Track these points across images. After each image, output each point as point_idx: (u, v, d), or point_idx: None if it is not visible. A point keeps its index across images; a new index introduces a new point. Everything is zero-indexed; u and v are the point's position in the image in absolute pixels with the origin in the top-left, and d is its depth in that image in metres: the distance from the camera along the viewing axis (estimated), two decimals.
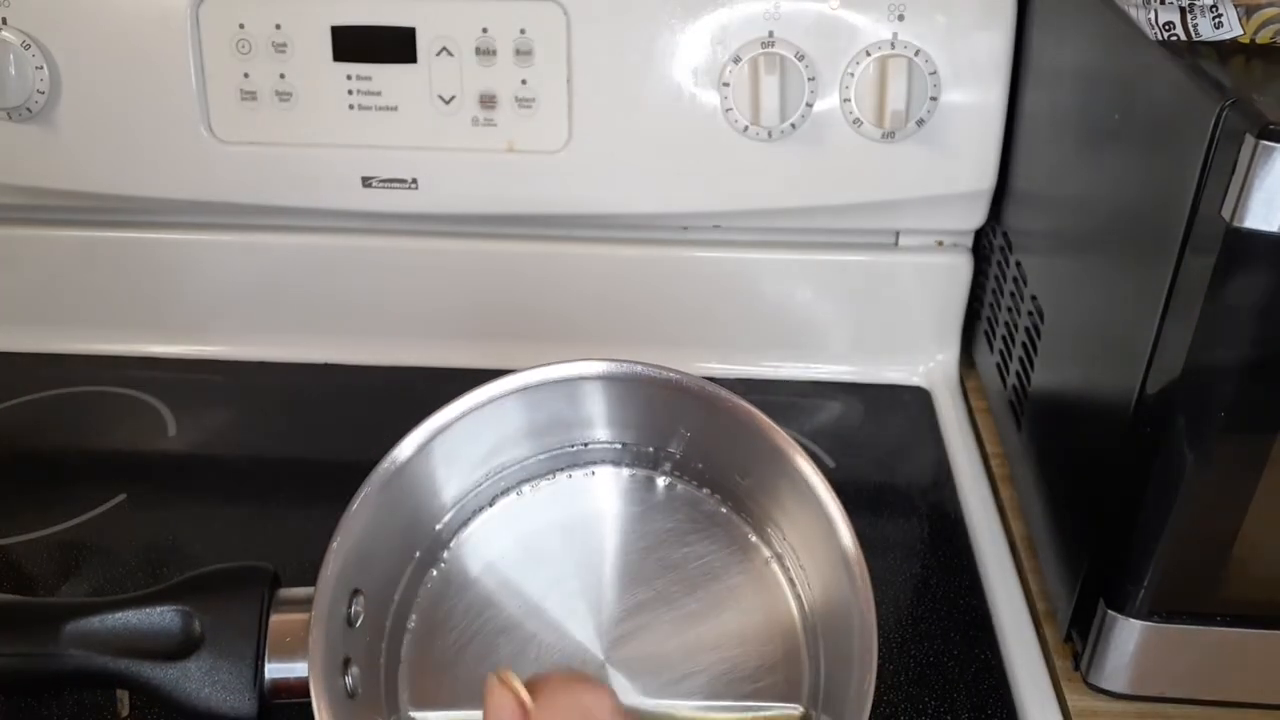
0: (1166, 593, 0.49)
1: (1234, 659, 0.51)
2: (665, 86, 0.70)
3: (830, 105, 0.70)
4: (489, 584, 0.47)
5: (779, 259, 0.77)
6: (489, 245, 0.78)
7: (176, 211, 0.77)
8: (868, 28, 0.68)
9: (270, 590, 0.43)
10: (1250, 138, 0.39)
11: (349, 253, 0.78)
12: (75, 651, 0.42)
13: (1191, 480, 0.46)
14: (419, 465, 0.44)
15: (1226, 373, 0.44)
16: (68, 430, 0.73)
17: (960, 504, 0.67)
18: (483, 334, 0.79)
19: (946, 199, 0.73)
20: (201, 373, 0.79)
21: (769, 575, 0.47)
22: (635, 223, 0.77)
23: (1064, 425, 0.59)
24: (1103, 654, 0.51)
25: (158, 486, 0.68)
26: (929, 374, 0.79)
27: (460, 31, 0.70)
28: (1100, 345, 0.54)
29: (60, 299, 0.80)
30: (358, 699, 0.42)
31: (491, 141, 0.72)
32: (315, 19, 0.70)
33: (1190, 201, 0.43)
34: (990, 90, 0.69)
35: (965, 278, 0.77)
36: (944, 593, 0.60)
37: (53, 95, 0.72)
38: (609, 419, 0.48)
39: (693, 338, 0.79)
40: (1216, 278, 0.42)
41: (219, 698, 0.41)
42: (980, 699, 0.54)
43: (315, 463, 0.70)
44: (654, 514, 0.49)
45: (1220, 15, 0.47)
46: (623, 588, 0.47)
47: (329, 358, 0.80)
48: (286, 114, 0.72)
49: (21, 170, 0.75)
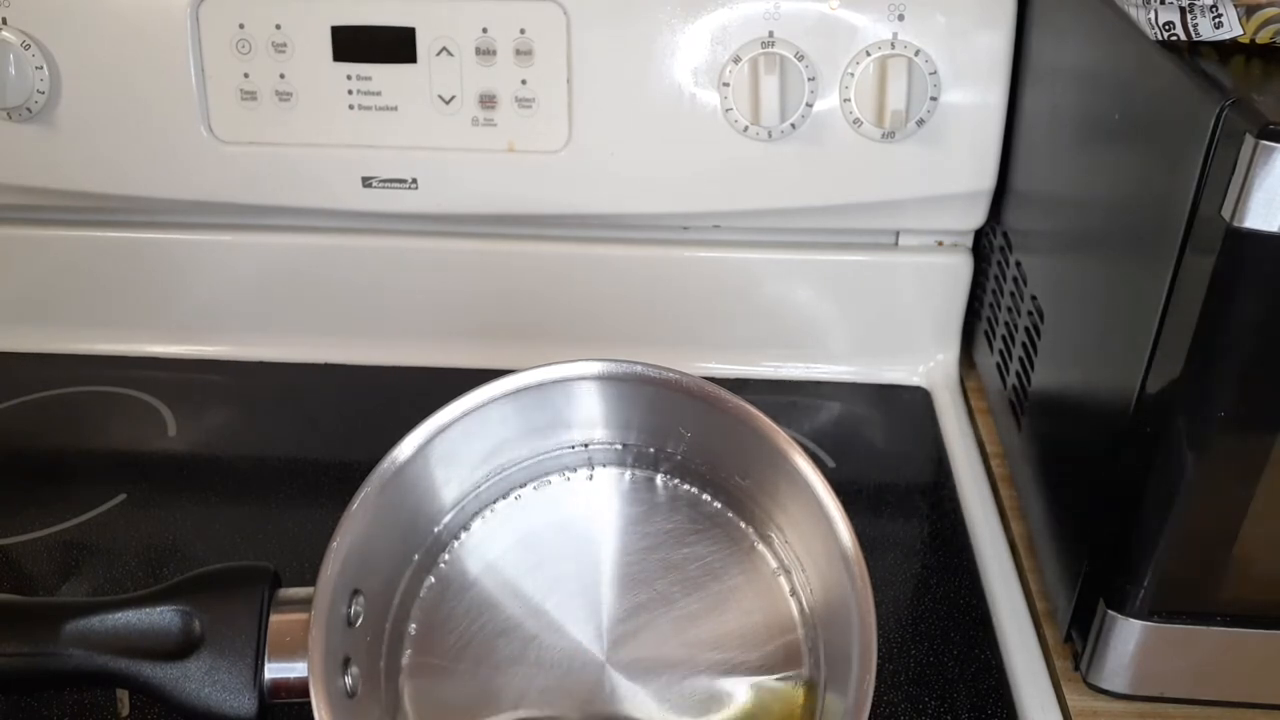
0: (1166, 593, 0.49)
1: (1234, 659, 0.51)
2: (665, 86, 0.70)
3: (830, 105, 0.70)
4: (489, 585, 0.47)
5: (779, 259, 0.77)
6: (489, 245, 0.78)
7: (176, 211, 0.77)
8: (868, 28, 0.68)
9: (270, 590, 0.43)
10: (1250, 138, 0.39)
11: (349, 253, 0.78)
12: (75, 651, 0.42)
13: (1191, 480, 0.46)
14: (419, 465, 0.44)
15: (1226, 373, 0.44)
16: (68, 430, 0.73)
17: (960, 504, 0.67)
18: (483, 334, 0.79)
19: (946, 199, 0.73)
20: (201, 373, 0.79)
21: (769, 575, 0.47)
22: (635, 223, 0.77)
23: (1064, 425, 0.59)
24: (1103, 654, 0.51)
25: (158, 486, 0.68)
26: (929, 374, 0.79)
27: (460, 31, 0.69)
28: (1100, 345, 0.54)
29: (60, 299, 0.80)
30: (358, 699, 0.42)
31: (491, 141, 0.72)
32: (315, 19, 0.70)
33: (1190, 201, 0.43)
34: (990, 90, 0.69)
35: (965, 278, 0.77)
36: (944, 593, 0.60)
37: (53, 95, 0.72)
38: (609, 419, 0.48)
39: (693, 338, 0.79)
40: (1216, 278, 0.42)
41: (219, 697, 0.41)
42: (980, 699, 0.54)
43: (315, 463, 0.70)
44: (654, 515, 0.49)
45: (1220, 15, 0.47)
46: (623, 588, 0.47)
47: (329, 358, 0.80)
48: (286, 114, 0.72)
49: (21, 170, 0.75)
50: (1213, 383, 0.44)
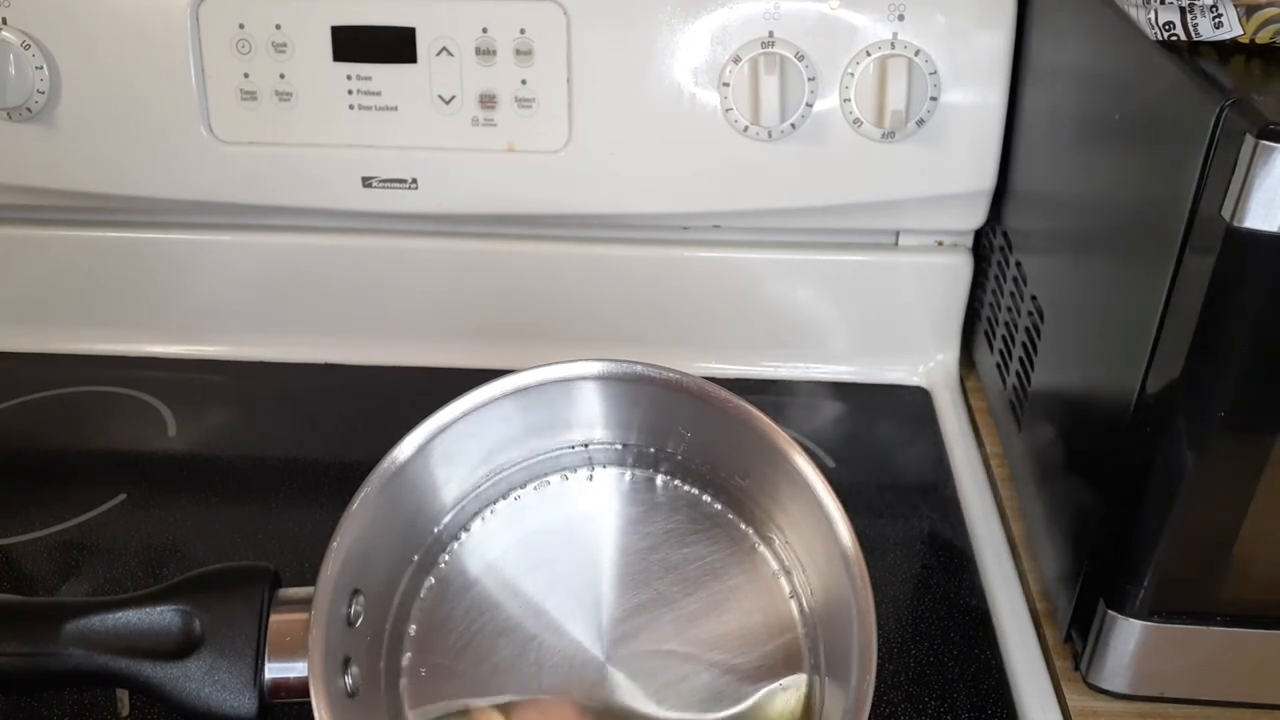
0: (1166, 593, 0.49)
1: (1234, 659, 0.51)
2: (665, 86, 0.70)
3: (830, 105, 0.70)
4: (489, 585, 0.47)
5: (779, 259, 0.77)
6: (489, 245, 0.78)
7: (176, 211, 0.77)
8: (868, 28, 0.68)
9: (270, 590, 0.43)
10: (1250, 138, 0.39)
11: (349, 253, 0.78)
12: (75, 651, 0.42)
13: (1191, 480, 0.46)
14: (419, 465, 0.44)
15: (1226, 372, 0.44)
16: (68, 430, 0.73)
17: (960, 504, 0.67)
18: (483, 334, 0.79)
19: (946, 199, 0.73)
20: (201, 373, 0.79)
21: (769, 575, 0.47)
22: (635, 223, 0.77)
23: (1064, 425, 0.59)
24: (1103, 654, 0.51)
25: (158, 486, 0.68)
26: (929, 374, 0.79)
27: (460, 31, 0.69)
28: (1100, 345, 0.54)
29: (60, 299, 0.80)
30: (358, 699, 0.42)
31: (491, 141, 0.72)
32: (315, 19, 0.70)
33: (1190, 201, 0.43)
34: (990, 90, 0.69)
35: (965, 278, 0.77)
36: (944, 593, 0.60)
37: (53, 95, 0.72)
38: (608, 419, 0.48)
39: (693, 338, 0.79)
40: (1216, 278, 0.42)
41: (219, 697, 0.41)
42: (980, 699, 0.54)
43: (315, 463, 0.70)
44: (654, 515, 0.49)
45: (1220, 15, 0.47)
46: (623, 588, 0.47)
47: (329, 358, 0.80)
48: (286, 114, 0.72)
49: (21, 170, 0.75)
50: (1213, 383, 0.44)
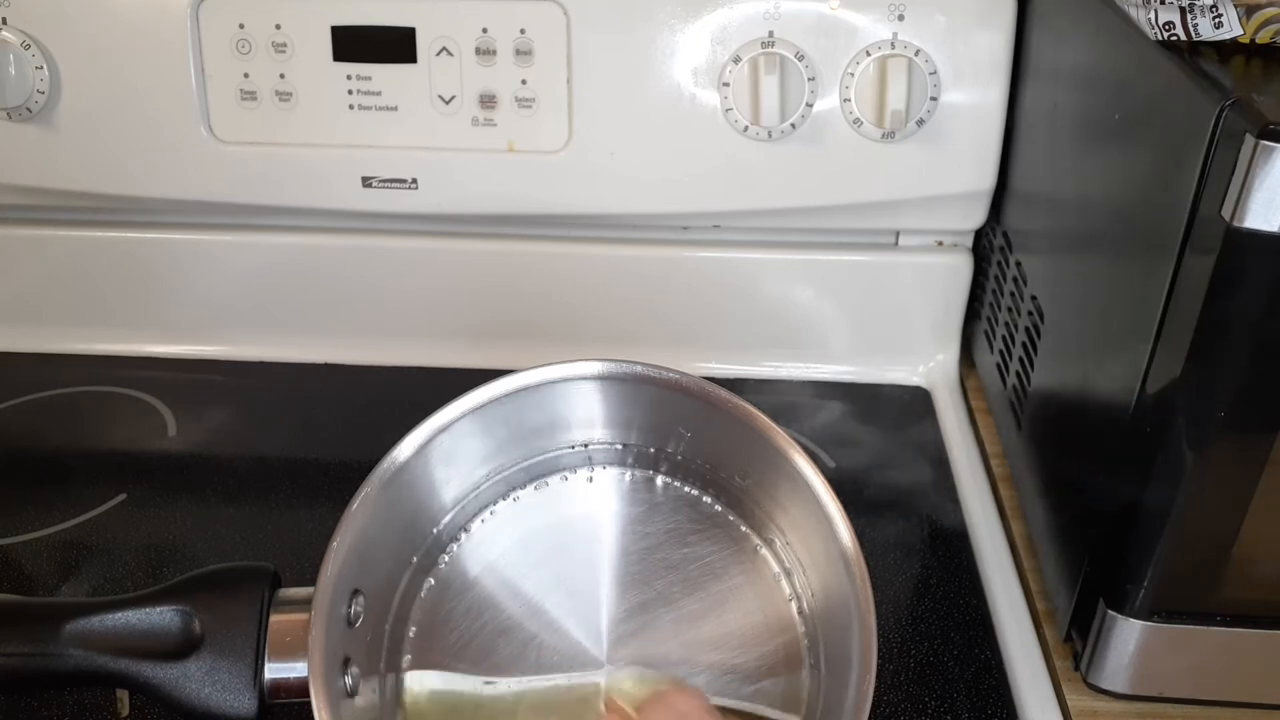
0: (1166, 593, 0.49)
1: (1234, 659, 0.51)
2: (665, 86, 0.70)
3: (830, 105, 0.70)
4: (489, 585, 0.47)
5: (779, 259, 0.77)
6: (489, 245, 0.78)
7: (176, 211, 0.77)
8: (868, 28, 0.68)
9: (270, 590, 0.43)
10: (1250, 138, 0.39)
11: (349, 253, 0.78)
12: (75, 651, 0.42)
13: (1191, 480, 0.46)
14: (419, 465, 0.44)
15: (1226, 372, 0.44)
16: (68, 430, 0.73)
17: (960, 504, 0.67)
18: (483, 334, 0.79)
19: (946, 199, 0.73)
20: (201, 373, 0.79)
21: (769, 576, 0.47)
22: (635, 223, 0.77)
23: (1064, 425, 0.59)
24: (1103, 654, 0.51)
25: (158, 486, 0.68)
26: (929, 374, 0.79)
27: (460, 31, 0.69)
28: (1100, 345, 0.54)
29: (60, 299, 0.80)
30: (358, 699, 0.42)
31: (491, 141, 0.72)
32: (315, 19, 0.70)
33: (1190, 201, 0.43)
34: (990, 90, 0.69)
35: (965, 278, 0.77)
36: (944, 593, 0.60)
37: (53, 95, 0.72)
38: (608, 419, 0.48)
39: (693, 338, 0.79)
40: (1216, 278, 0.42)
41: (219, 698, 0.41)
42: (980, 699, 0.54)
43: (315, 463, 0.70)
44: (654, 515, 0.49)
45: (1220, 15, 0.47)
46: (623, 588, 0.47)
47: (329, 358, 0.80)
48: (286, 114, 0.72)
49: (21, 170, 0.75)
50: (1213, 383, 0.44)
